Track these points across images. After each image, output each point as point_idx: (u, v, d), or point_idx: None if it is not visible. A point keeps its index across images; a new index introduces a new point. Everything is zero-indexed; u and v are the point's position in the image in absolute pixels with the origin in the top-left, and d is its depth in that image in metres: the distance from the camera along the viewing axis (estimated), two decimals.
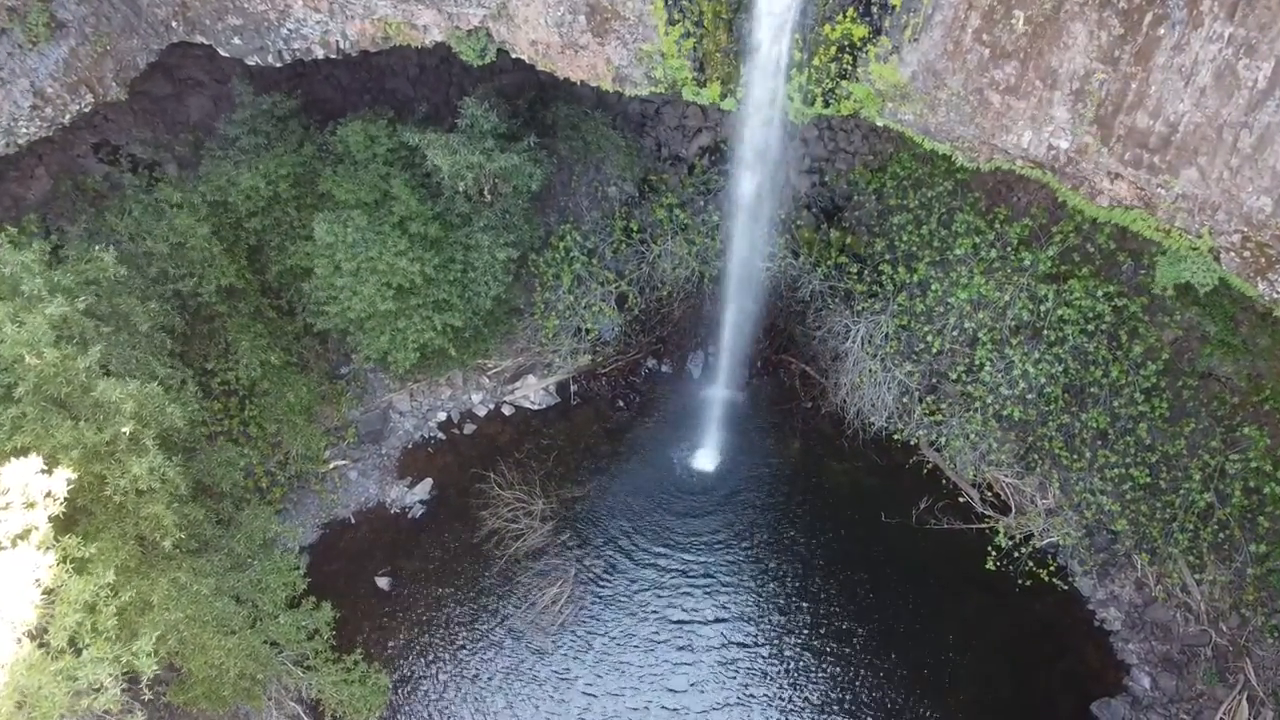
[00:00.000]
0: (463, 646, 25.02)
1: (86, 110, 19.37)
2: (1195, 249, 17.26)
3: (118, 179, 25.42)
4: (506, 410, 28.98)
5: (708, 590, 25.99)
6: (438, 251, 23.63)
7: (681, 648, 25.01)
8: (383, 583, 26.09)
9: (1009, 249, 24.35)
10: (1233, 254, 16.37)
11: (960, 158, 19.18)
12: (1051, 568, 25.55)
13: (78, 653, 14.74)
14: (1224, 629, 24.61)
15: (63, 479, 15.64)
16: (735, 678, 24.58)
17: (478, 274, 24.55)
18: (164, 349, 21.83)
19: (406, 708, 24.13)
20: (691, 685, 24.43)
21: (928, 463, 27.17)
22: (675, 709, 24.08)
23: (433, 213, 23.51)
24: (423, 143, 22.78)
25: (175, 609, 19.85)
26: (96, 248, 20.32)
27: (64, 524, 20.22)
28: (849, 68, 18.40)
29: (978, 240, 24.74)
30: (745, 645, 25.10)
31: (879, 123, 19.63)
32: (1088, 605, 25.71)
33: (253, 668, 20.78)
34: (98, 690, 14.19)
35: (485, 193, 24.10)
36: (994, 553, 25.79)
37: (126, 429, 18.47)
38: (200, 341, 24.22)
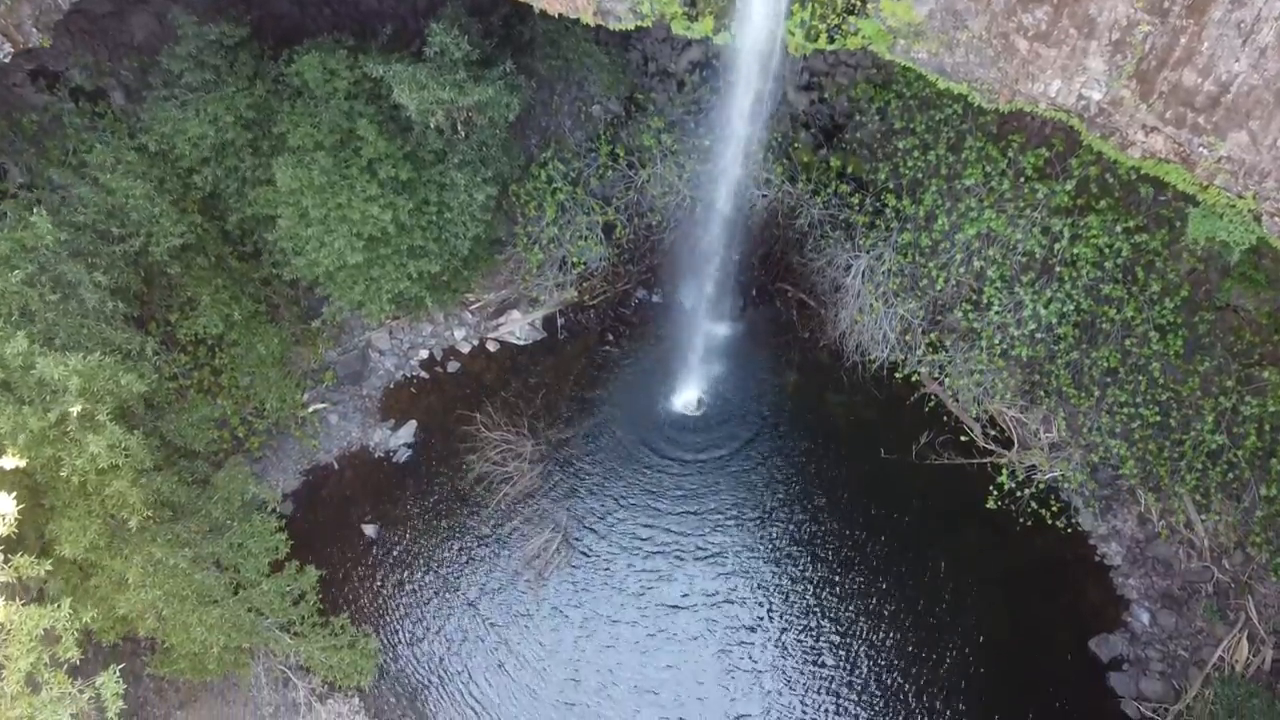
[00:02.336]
0: (451, 597, 24.54)
1: (6, 61, 17.32)
2: (1234, 207, 15.82)
3: (59, 110, 23.35)
4: (491, 346, 27.74)
5: (701, 527, 25.39)
6: (410, 194, 21.89)
7: (675, 587, 24.58)
8: (369, 530, 25.42)
9: (1022, 179, 22.72)
10: (1278, 218, 14.96)
11: (977, 98, 17.43)
12: (1054, 508, 24.95)
13: (36, 689, 13.99)
14: (1227, 566, 24.23)
15: (10, 501, 14.47)
16: (728, 613, 24.25)
17: (454, 215, 22.85)
18: (117, 313, 20.35)
19: (394, 663, 23.81)
20: (686, 624, 24.11)
21: (930, 398, 26.21)
22: (669, 663, 23.83)
23: (403, 152, 21.65)
24: (388, 75, 20.72)
25: (152, 586, 19.14)
26: (34, 210, 18.58)
27: (29, 497, 19.46)
28: (857, 3, 16.44)
29: (989, 169, 23.08)
30: (738, 581, 24.65)
31: (888, 58, 17.76)
32: (1089, 540, 25.26)
33: (237, 638, 20.22)
34: None
35: (459, 126, 22.20)
36: (996, 492, 25.14)
37: (75, 409, 17.26)
38: (161, 293, 22.70)
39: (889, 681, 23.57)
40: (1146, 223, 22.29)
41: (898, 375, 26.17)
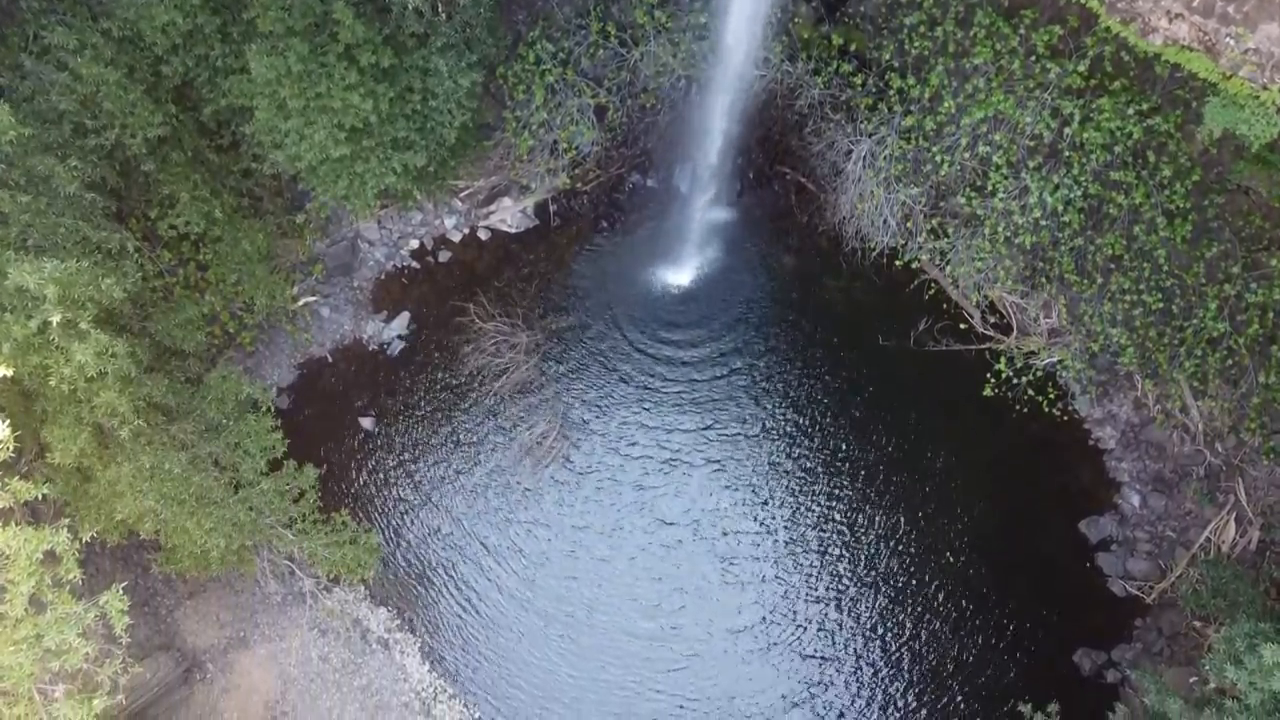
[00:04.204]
0: (450, 489, 24.75)
1: None
2: (1257, 99, 15.10)
3: None
4: (483, 235, 27.09)
5: (696, 414, 25.47)
6: (392, 82, 20.85)
7: (673, 469, 24.84)
8: (366, 423, 25.43)
9: (1033, 59, 21.66)
10: None
11: None
12: (1051, 394, 24.97)
13: (41, 609, 14.07)
14: (1219, 449, 24.44)
15: (5, 427, 14.22)
16: (725, 495, 24.60)
17: (439, 103, 21.85)
18: (96, 209, 19.64)
19: (395, 554, 24.20)
20: (683, 509, 24.46)
21: (930, 285, 25.84)
22: (668, 544, 24.26)
23: (382, 36, 20.50)
24: None
25: (149, 491, 19.17)
26: None
27: (21, 403, 19.29)
28: None
29: (999, 46, 21.98)
30: (735, 465, 24.93)
31: None
32: (1083, 426, 25.41)
33: (239, 538, 20.41)
34: (66, 651, 13.60)
35: (439, 6, 20.98)
36: (993, 379, 25.09)
37: (55, 318, 16.85)
38: (138, 189, 21.88)
39: (881, 564, 24.10)
40: (1160, 104, 21.39)
41: (898, 261, 25.70)
